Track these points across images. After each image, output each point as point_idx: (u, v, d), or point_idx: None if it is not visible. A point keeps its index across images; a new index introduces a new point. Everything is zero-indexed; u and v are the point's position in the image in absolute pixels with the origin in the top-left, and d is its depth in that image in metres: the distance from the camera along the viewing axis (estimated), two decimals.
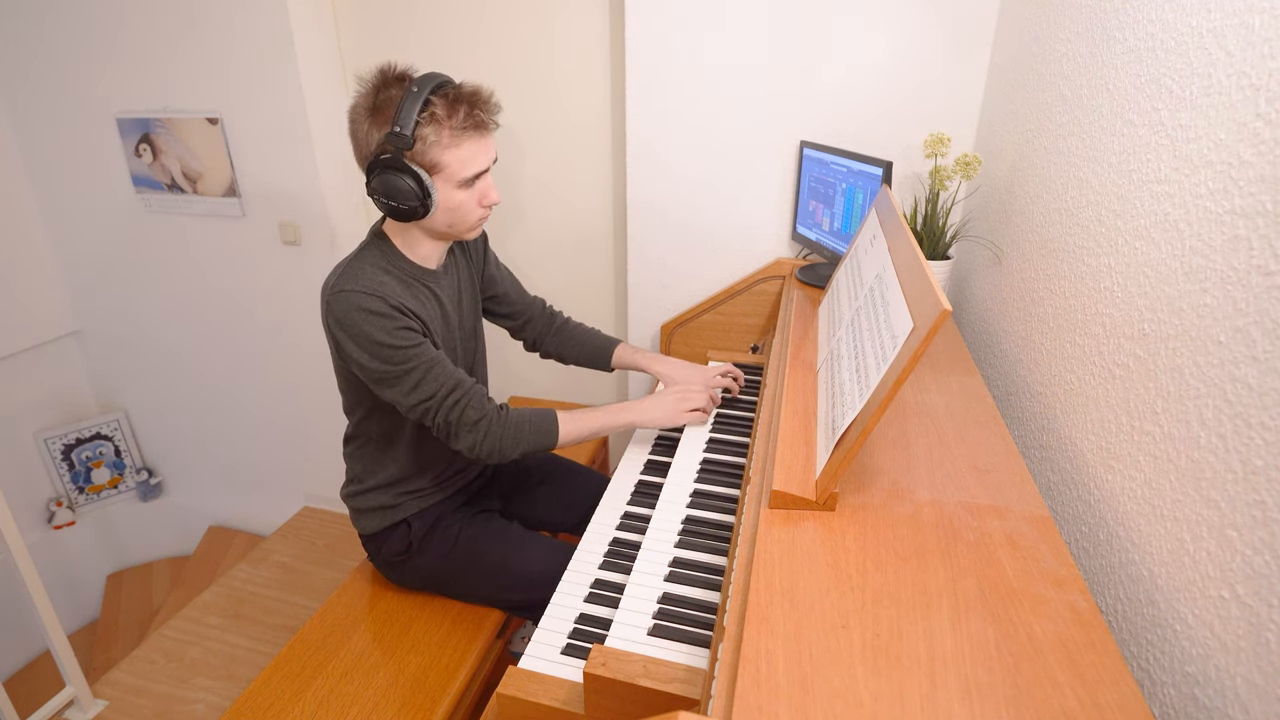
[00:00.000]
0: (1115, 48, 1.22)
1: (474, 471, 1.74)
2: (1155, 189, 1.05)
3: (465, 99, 1.36)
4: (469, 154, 1.39)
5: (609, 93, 2.26)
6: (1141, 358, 1.04)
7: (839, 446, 1.01)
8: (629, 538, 1.46)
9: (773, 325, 2.16)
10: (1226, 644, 0.83)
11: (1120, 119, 1.17)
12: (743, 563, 0.95)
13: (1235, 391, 0.85)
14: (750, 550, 0.97)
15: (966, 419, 1.24)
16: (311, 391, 2.83)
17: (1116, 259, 1.14)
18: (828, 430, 1.10)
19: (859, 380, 1.06)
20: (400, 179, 1.37)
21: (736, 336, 2.28)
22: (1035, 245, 1.45)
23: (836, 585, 0.86)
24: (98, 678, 2.57)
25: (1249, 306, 0.83)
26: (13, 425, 2.97)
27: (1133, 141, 1.12)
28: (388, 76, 1.36)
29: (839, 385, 1.16)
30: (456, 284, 1.60)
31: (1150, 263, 1.05)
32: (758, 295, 2.20)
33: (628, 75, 2.08)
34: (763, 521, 0.99)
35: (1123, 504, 1.06)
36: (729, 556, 1.15)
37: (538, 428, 1.52)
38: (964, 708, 0.71)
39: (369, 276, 1.39)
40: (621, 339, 2.09)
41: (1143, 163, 1.09)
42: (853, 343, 1.20)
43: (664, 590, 1.21)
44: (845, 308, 1.38)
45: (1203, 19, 0.98)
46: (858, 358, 1.12)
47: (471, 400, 1.46)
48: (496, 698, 1.12)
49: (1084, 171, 1.27)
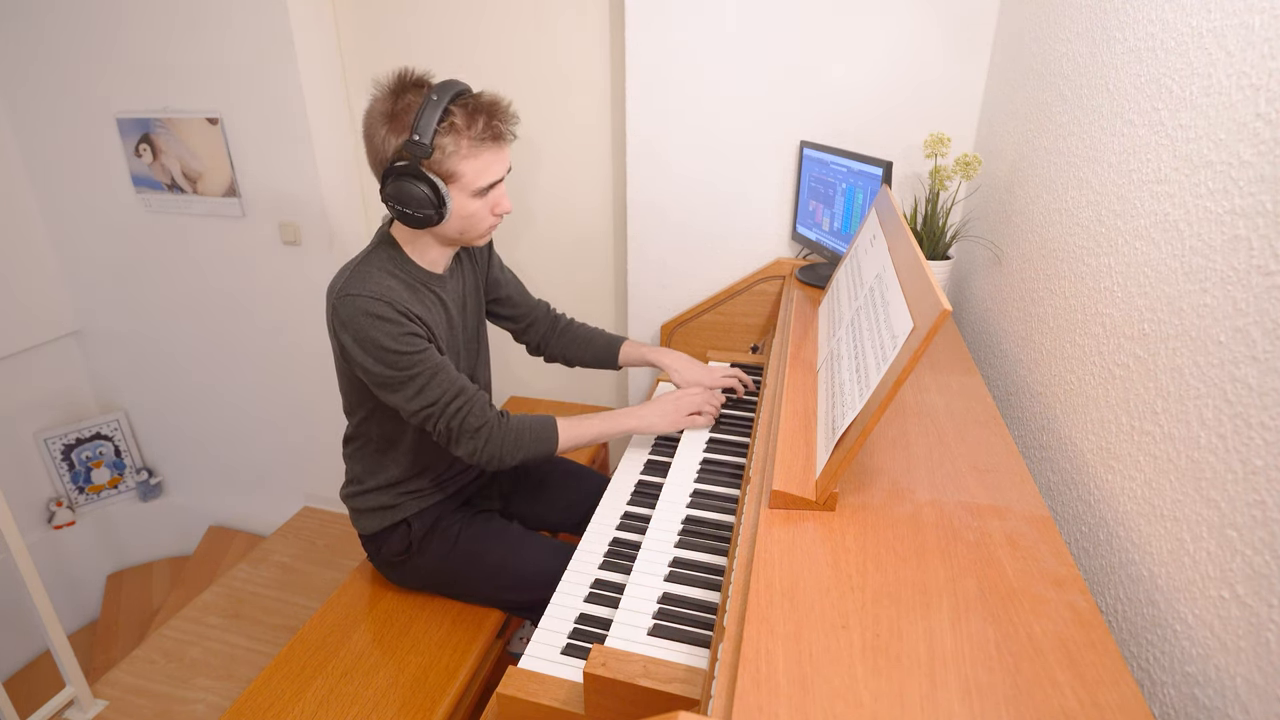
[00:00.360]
0: (1115, 48, 1.22)
1: (474, 472, 1.74)
2: (1155, 189, 1.05)
3: (484, 109, 1.36)
4: (486, 164, 1.38)
5: (609, 93, 2.26)
6: (1141, 358, 1.04)
7: (839, 446, 1.01)
8: (629, 538, 1.46)
9: (773, 325, 2.16)
10: (1226, 644, 0.83)
11: (1120, 119, 1.17)
12: (743, 563, 0.95)
13: (1235, 391, 0.85)
14: (750, 550, 0.97)
15: (966, 419, 1.24)
16: (311, 392, 2.83)
17: (1116, 259, 1.14)
18: (828, 430, 1.10)
19: (859, 380, 1.06)
20: (416, 186, 1.36)
21: (737, 336, 2.28)
22: (1035, 245, 1.45)
23: (836, 585, 0.86)
24: (98, 678, 2.57)
25: (1249, 306, 0.83)
26: (13, 425, 2.97)
27: (1133, 141, 1.12)
28: (406, 82, 1.35)
29: (839, 385, 1.16)
30: (461, 288, 1.60)
31: (1150, 263, 1.05)
32: (758, 295, 2.20)
33: (628, 75, 2.08)
34: (763, 521, 0.99)
35: (1123, 504, 1.06)
36: (729, 556, 1.15)
37: (537, 435, 1.52)
38: (964, 708, 0.71)
39: (376, 281, 1.39)
40: (626, 337, 2.09)
41: (1143, 163, 1.09)
42: (853, 343, 1.20)
43: (664, 590, 1.21)
44: (845, 308, 1.37)
45: (1203, 19, 0.98)
46: (858, 358, 1.12)
47: (474, 408, 1.46)
48: (496, 698, 1.12)
49: (1084, 171, 1.27)
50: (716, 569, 1.26)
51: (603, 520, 1.51)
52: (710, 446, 1.62)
